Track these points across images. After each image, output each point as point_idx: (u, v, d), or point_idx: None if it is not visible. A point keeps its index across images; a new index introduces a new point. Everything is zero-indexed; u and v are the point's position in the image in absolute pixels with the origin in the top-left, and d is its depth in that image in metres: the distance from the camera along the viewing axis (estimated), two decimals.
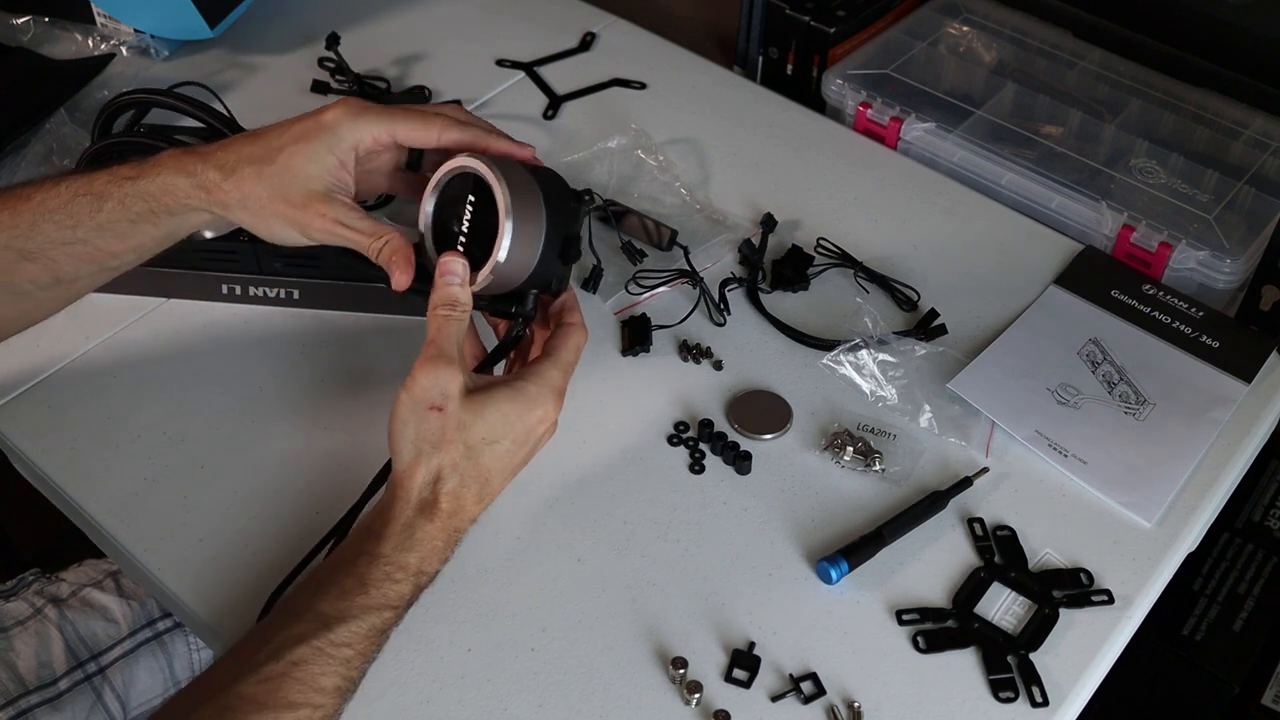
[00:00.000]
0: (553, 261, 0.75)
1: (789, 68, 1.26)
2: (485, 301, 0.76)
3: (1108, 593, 0.78)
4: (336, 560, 0.69)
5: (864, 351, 0.91)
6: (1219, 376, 0.92)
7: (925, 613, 0.77)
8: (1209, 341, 0.94)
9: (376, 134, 0.74)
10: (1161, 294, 0.98)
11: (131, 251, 0.77)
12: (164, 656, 0.98)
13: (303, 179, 0.73)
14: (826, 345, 0.93)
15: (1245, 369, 0.93)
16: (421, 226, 0.76)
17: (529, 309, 0.76)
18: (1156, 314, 0.97)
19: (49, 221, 0.74)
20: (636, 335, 0.94)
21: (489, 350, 0.79)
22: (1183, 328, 0.96)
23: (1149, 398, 0.90)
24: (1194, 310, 0.97)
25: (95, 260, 0.76)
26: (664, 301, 0.98)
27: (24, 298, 0.77)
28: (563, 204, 0.75)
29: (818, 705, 0.73)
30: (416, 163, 0.82)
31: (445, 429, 0.68)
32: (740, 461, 0.85)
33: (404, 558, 0.68)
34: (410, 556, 0.68)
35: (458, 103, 1.18)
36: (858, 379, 0.91)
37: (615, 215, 1.02)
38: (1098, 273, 1.00)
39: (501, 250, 0.71)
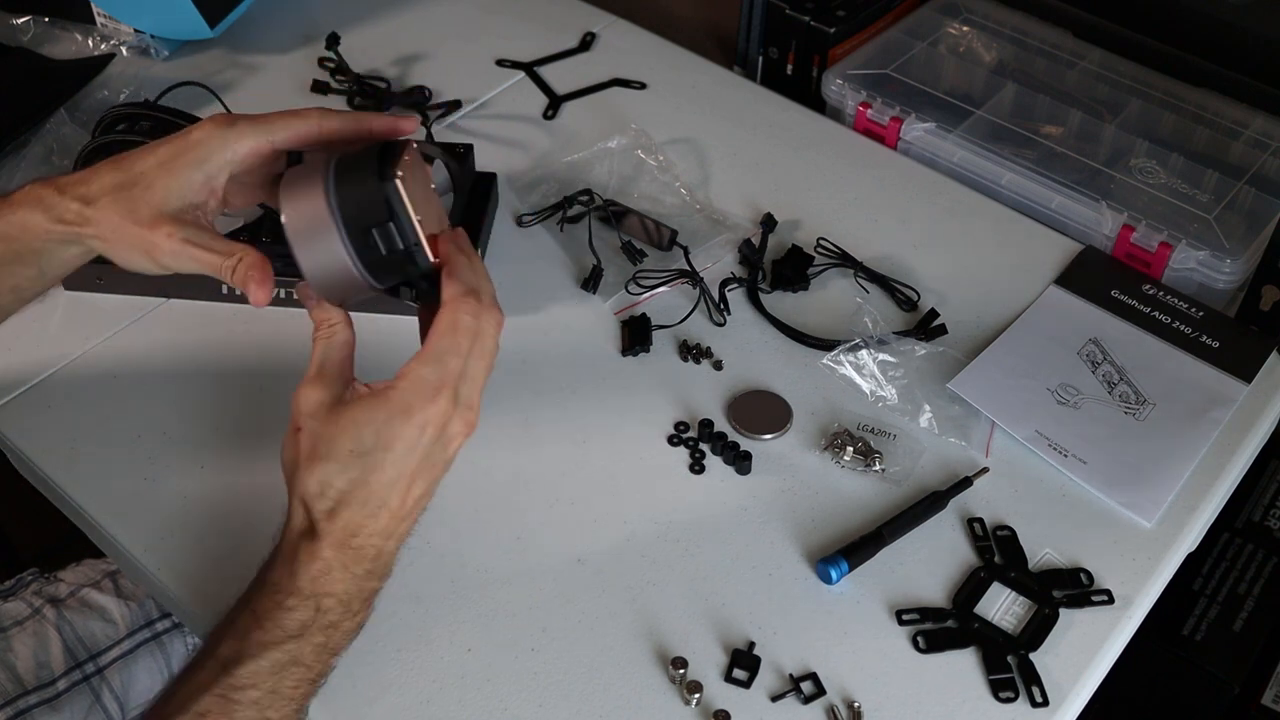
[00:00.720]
0: (368, 252, 0.68)
1: (789, 68, 1.26)
2: (382, 295, 0.71)
3: (1108, 593, 0.78)
4: (239, 598, 0.66)
5: (864, 351, 0.91)
6: (1219, 376, 0.92)
7: (925, 613, 0.77)
8: (1209, 341, 0.94)
9: (255, 145, 0.70)
10: (1161, 294, 0.98)
11: (9, 293, 0.73)
12: (162, 657, 0.98)
13: (159, 200, 0.68)
14: (826, 345, 0.93)
15: (1245, 369, 0.93)
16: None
17: (424, 290, 0.70)
18: (1156, 314, 0.97)
19: None
20: (636, 335, 0.94)
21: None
22: (1183, 328, 0.96)
23: (1149, 398, 0.90)
24: (1194, 310, 0.97)
25: None
26: (664, 301, 0.98)
27: None
28: (358, 193, 0.67)
29: (818, 705, 0.73)
30: (297, 162, 0.74)
31: (308, 447, 0.65)
32: (740, 461, 0.85)
33: (293, 583, 0.64)
34: (300, 581, 0.64)
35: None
36: (858, 379, 0.91)
37: (615, 215, 1.02)
38: (1098, 273, 1.00)
39: (294, 255, 0.67)
